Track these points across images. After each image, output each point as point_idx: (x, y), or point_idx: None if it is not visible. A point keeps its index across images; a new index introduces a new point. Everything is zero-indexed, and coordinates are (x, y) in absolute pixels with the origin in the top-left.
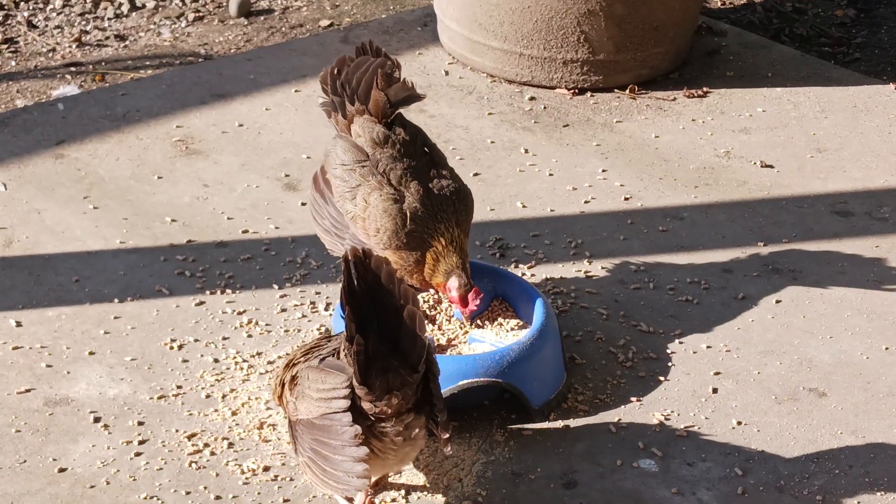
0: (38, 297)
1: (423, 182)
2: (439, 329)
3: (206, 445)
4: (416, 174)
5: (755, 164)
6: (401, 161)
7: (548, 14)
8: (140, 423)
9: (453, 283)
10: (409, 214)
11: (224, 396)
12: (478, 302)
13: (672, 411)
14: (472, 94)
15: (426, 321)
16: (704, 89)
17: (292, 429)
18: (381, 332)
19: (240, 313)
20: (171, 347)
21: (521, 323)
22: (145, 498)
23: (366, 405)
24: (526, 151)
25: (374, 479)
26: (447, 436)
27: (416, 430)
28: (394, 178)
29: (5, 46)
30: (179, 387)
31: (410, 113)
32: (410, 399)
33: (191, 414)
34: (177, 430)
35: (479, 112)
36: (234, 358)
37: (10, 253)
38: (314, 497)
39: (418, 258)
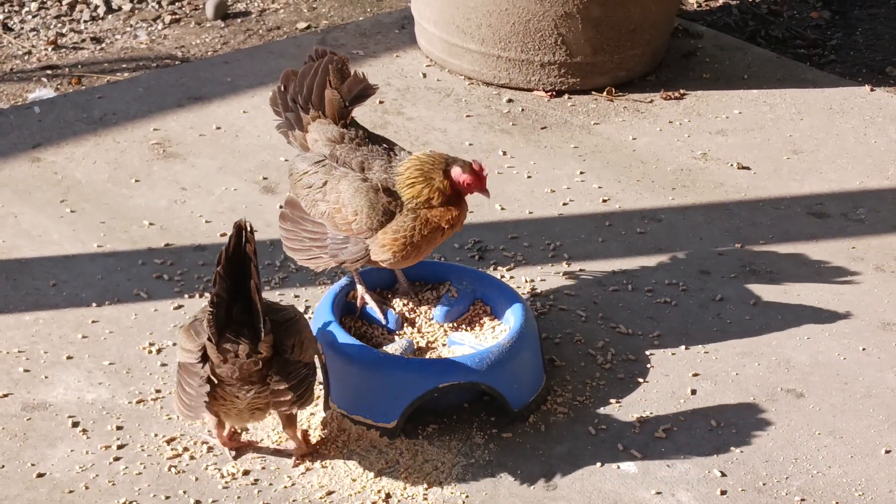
0: (15, 301)
1: (385, 162)
2: (419, 332)
3: (186, 450)
4: (377, 157)
5: (732, 165)
6: (359, 150)
7: (525, 17)
8: (119, 428)
9: (456, 172)
10: (380, 187)
11: None
12: (486, 170)
13: (651, 413)
14: (449, 96)
15: (404, 323)
16: (681, 91)
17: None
18: (243, 305)
19: None
20: (150, 351)
21: (501, 325)
22: (124, 503)
23: (209, 367)
24: (504, 154)
25: (227, 425)
26: (284, 387)
27: (252, 392)
28: (356, 166)
29: None
30: (158, 391)
31: (389, 115)
32: (252, 371)
33: (170, 418)
34: (156, 435)
35: (457, 114)
36: None
37: None
38: (294, 501)
39: (407, 224)
